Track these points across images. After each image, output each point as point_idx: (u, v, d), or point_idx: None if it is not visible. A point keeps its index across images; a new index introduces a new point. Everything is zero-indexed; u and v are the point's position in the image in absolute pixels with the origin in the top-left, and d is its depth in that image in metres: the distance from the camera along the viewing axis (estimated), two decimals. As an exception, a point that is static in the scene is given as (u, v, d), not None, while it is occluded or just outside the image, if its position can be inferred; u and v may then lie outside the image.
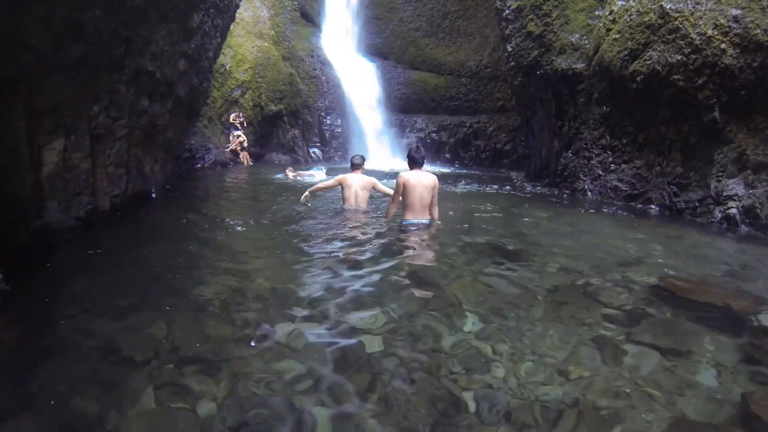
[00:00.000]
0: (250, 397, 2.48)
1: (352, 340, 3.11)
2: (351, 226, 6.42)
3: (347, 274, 4.41)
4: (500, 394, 2.57)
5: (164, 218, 6.75)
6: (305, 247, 5.35)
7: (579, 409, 2.47)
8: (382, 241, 5.62)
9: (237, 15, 10.74)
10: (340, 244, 5.49)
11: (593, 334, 3.32)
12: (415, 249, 5.41)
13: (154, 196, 7.57)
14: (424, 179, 5.81)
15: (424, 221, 5.95)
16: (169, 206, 7.65)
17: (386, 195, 7.16)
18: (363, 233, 6.01)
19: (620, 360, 2.99)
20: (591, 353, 3.06)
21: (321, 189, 7.51)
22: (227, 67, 18.67)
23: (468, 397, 2.54)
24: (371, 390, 2.56)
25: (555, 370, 2.82)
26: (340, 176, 7.25)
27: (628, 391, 2.65)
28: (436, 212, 6.08)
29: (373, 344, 3.05)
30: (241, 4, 10.90)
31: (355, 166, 7.15)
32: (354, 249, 5.26)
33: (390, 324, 3.35)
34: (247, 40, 19.24)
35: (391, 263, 4.71)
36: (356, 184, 7.06)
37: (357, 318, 3.44)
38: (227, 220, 6.96)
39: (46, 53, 4.14)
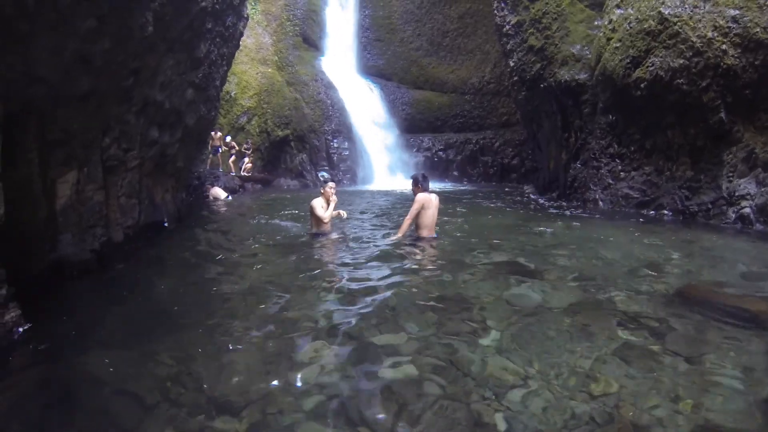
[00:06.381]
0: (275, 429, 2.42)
1: (376, 365, 3.03)
2: (363, 248, 6.43)
3: (367, 296, 4.35)
4: (530, 412, 2.52)
5: (177, 249, 6.73)
6: (321, 272, 5.31)
7: (611, 422, 2.41)
8: (400, 261, 5.66)
9: (240, 42, 10.92)
10: (356, 265, 5.47)
11: (618, 345, 3.26)
12: (433, 267, 5.40)
13: (166, 225, 7.57)
14: (435, 200, 6.57)
15: (434, 235, 6.68)
16: (182, 236, 7.65)
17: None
18: (380, 255, 5.98)
19: (647, 369, 2.93)
20: (618, 364, 2.99)
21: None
22: (232, 95, 19.01)
23: (498, 417, 2.48)
24: (398, 416, 2.50)
25: (583, 383, 2.76)
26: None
27: (656, 400, 2.60)
28: None
29: (397, 367, 2.99)
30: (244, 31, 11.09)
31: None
32: (373, 270, 5.23)
33: (414, 345, 3.29)
34: (251, 67, 19.58)
35: (410, 283, 4.68)
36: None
37: (380, 341, 3.38)
38: (240, 247, 6.97)
39: (56, 85, 4.21)
